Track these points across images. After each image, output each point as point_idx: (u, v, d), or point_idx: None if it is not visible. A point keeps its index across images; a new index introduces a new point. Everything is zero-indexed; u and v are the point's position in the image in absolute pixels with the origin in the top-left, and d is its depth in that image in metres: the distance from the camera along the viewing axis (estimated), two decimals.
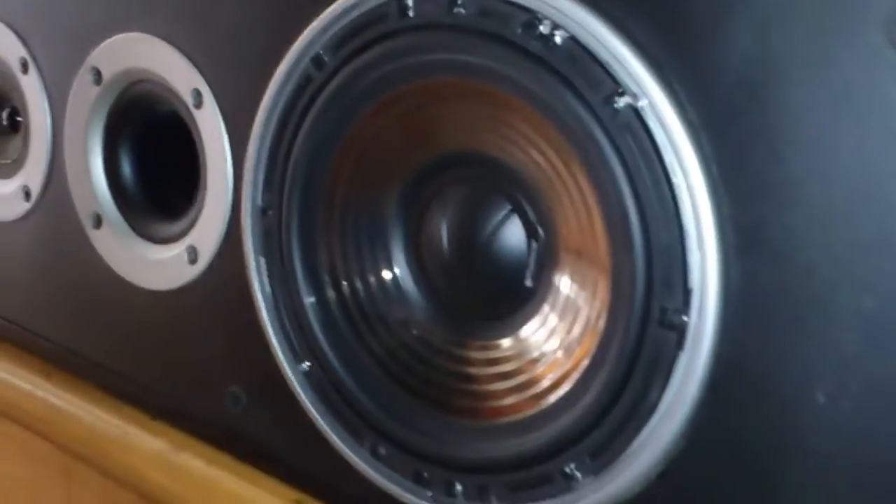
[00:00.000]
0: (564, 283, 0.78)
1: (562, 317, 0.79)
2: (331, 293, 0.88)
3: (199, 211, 0.99)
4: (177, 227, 1.04)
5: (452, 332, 0.85)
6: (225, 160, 0.94)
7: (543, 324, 0.80)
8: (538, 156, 0.77)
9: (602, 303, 0.74)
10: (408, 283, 0.87)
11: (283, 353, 0.90)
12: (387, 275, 0.88)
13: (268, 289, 0.91)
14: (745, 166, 0.64)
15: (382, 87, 0.81)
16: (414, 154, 0.85)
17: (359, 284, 0.88)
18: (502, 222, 0.81)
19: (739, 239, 0.65)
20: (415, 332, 0.87)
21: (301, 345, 0.89)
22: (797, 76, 0.62)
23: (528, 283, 0.80)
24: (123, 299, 1.07)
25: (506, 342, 0.82)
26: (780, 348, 0.64)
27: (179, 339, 1.03)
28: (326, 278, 0.88)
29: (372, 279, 0.88)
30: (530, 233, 0.80)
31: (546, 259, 0.80)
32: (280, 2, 0.88)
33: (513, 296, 0.81)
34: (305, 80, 0.84)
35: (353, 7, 0.80)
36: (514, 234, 0.81)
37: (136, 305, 1.06)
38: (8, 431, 1.24)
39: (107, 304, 1.10)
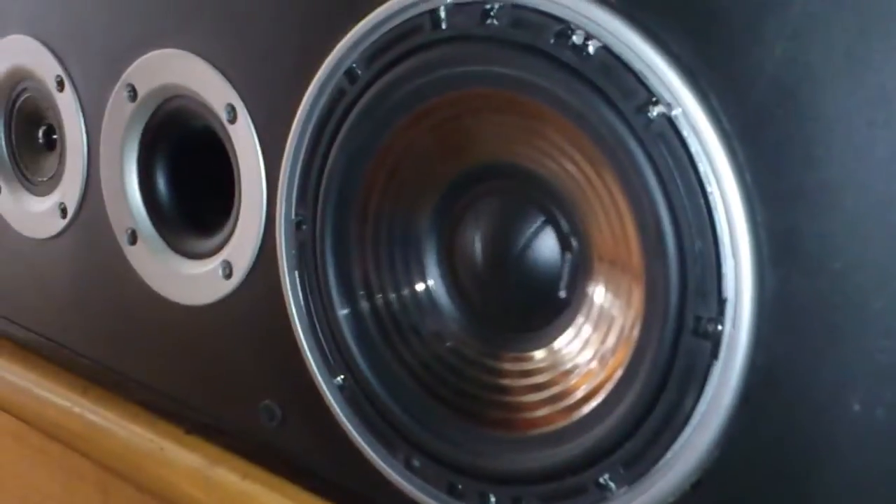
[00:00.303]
0: (598, 294, 0.78)
1: (596, 327, 0.78)
2: (364, 305, 0.88)
3: (234, 226, 0.99)
4: (212, 242, 1.04)
5: (486, 344, 0.85)
6: (259, 175, 0.94)
7: (577, 335, 0.80)
8: (571, 166, 0.77)
9: (636, 313, 0.74)
10: (441, 295, 0.88)
11: (318, 366, 0.90)
12: (420, 287, 0.88)
13: (302, 303, 0.91)
14: (779, 174, 0.64)
15: (416, 99, 0.81)
16: (447, 166, 0.85)
17: (392, 296, 0.88)
18: (535, 234, 0.81)
19: (774, 247, 0.64)
20: (448, 343, 0.87)
21: (335, 358, 0.89)
22: (831, 82, 0.61)
23: (562, 294, 0.80)
24: (159, 315, 1.08)
25: (539, 354, 0.82)
26: (815, 356, 0.64)
27: (214, 353, 1.03)
28: (360, 290, 0.88)
29: (405, 291, 0.88)
30: (564, 244, 0.80)
31: (580, 270, 0.79)
32: (313, 16, 0.88)
33: (546, 307, 0.81)
34: (339, 94, 0.85)
35: (385, 20, 0.81)
36: (547, 245, 0.81)
37: (171, 321, 1.07)
38: (45, 448, 1.25)
39: (142, 319, 1.11)
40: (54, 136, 1.23)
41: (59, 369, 1.25)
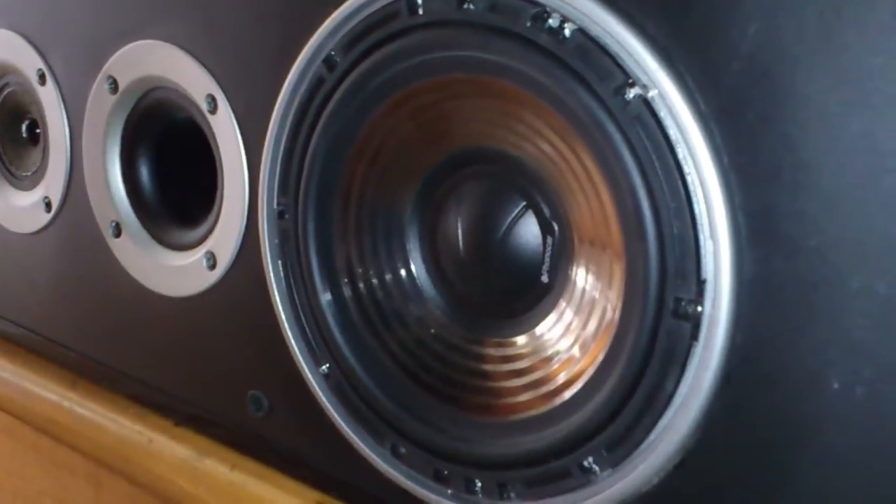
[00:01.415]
0: (580, 278, 0.78)
1: (577, 311, 0.78)
2: (347, 291, 0.88)
3: (217, 216, 0.99)
4: (196, 233, 1.04)
5: (469, 330, 0.85)
6: (241, 165, 0.94)
7: (559, 319, 0.80)
8: (550, 149, 0.77)
9: (617, 296, 0.74)
10: (424, 281, 0.88)
11: (303, 355, 0.90)
12: (403, 272, 0.88)
13: (286, 292, 0.91)
14: (755, 154, 0.64)
15: (394, 86, 0.81)
16: (428, 152, 0.85)
17: (375, 282, 0.88)
18: (517, 218, 0.81)
19: (752, 227, 0.64)
20: (432, 330, 0.87)
21: (320, 347, 0.89)
22: (805, 62, 0.61)
23: (545, 278, 0.80)
24: (144, 307, 1.08)
25: (522, 339, 0.82)
26: (794, 336, 0.64)
27: (200, 345, 1.03)
28: (343, 277, 0.88)
29: (388, 277, 0.88)
30: (545, 228, 0.80)
31: (561, 254, 0.79)
32: (290, 4, 0.88)
33: (529, 292, 0.81)
34: (318, 82, 0.85)
35: (362, 7, 0.80)
36: (529, 230, 0.81)
37: (157, 312, 1.07)
38: (36, 442, 1.25)
39: (128, 312, 1.11)
40: (38, 131, 1.23)
41: (47, 363, 1.25)
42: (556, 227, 0.80)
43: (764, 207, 0.64)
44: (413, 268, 0.88)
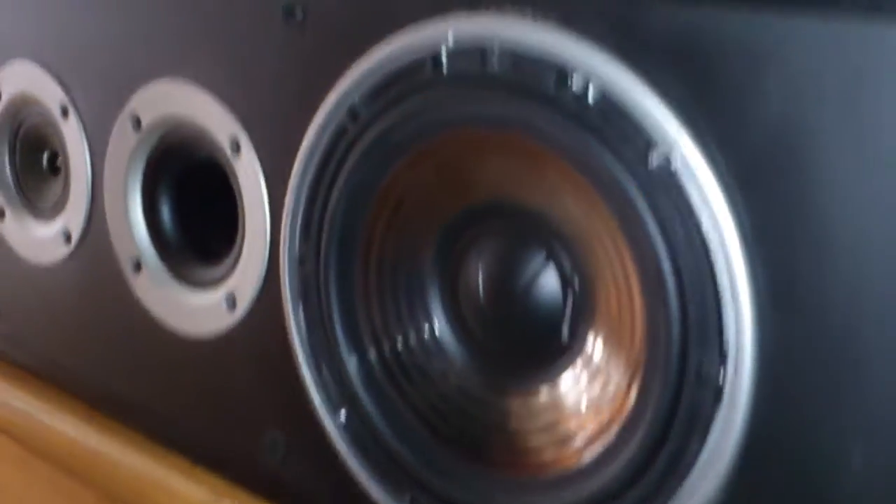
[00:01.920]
0: (600, 338, 0.78)
1: (597, 371, 0.78)
2: (369, 346, 0.88)
3: (238, 257, 0.99)
4: (216, 272, 1.04)
5: (490, 384, 0.85)
6: (263, 208, 0.94)
7: (579, 379, 0.80)
8: (573, 207, 0.77)
9: (638, 360, 0.74)
10: (446, 336, 0.87)
11: (321, 402, 0.90)
12: (425, 326, 0.88)
13: (306, 338, 0.91)
14: (778, 221, 0.64)
15: (417, 138, 0.81)
16: (449, 204, 0.85)
17: (398, 337, 0.88)
18: (538, 273, 0.81)
19: (774, 296, 0.64)
20: (453, 382, 0.87)
21: (339, 395, 0.89)
22: (829, 133, 0.61)
23: (564, 335, 0.80)
24: (162, 344, 1.08)
25: (543, 396, 0.82)
26: (816, 408, 0.64)
27: (219, 385, 1.03)
28: (365, 330, 0.88)
29: (410, 331, 0.88)
30: (566, 284, 0.80)
31: (582, 312, 0.79)
32: (317, 52, 0.88)
33: (549, 348, 0.81)
34: (341, 131, 0.85)
35: (387, 59, 0.81)
36: (550, 284, 0.81)
37: (175, 351, 1.07)
38: (51, 476, 1.25)
39: (146, 348, 1.11)
40: (58, 163, 1.23)
41: (64, 396, 1.24)
42: (577, 282, 0.79)
43: (786, 275, 0.64)
44: (435, 323, 0.88)
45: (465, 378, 0.86)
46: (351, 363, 0.88)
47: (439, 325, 0.88)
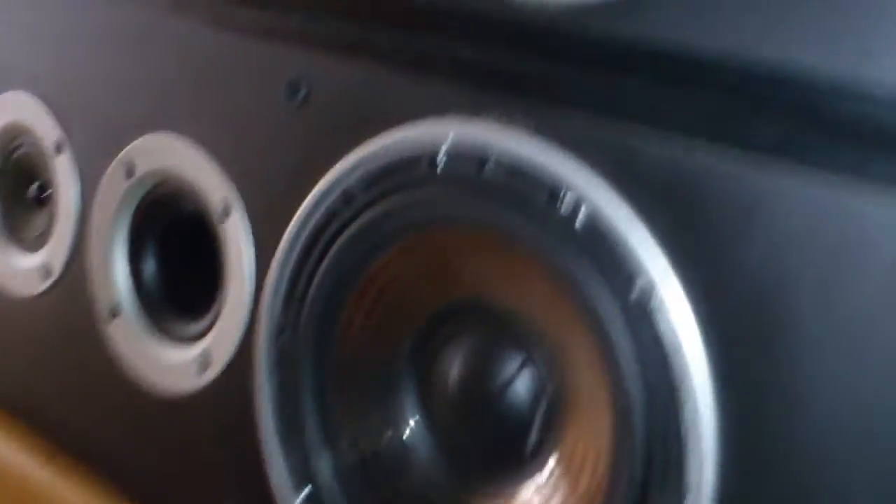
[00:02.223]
0: (566, 455, 0.78)
1: (556, 490, 0.79)
2: (340, 433, 0.88)
3: (216, 318, 0.99)
4: (193, 328, 1.04)
5: (457, 485, 0.85)
6: (247, 274, 0.95)
7: (541, 491, 0.80)
8: (554, 317, 0.78)
9: (599, 485, 0.74)
10: (418, 433, 0.87)
11: (282, 478, 0.90)
12: (398, 423, 0.88)
13: (273, 412, 0.90)
14: (750, 370, 0.65)
15: (406, 231, 0.82)
16: (432, 298, 0.85)
17: (369, 433, 0.88)
18: (514, 378, 0.81)
19: (739, 445, 0.65)
20: (419, 478, 0.87)
21: (301, 474, 0.89)
22: (807, 291, 0.63)
23: (532, 442, 0.80)
24: (128, 395, 1.07)
25: (507, 501, 0.82)
26: None
27: (182, 446, 1.03)
28: (338, 420, 0.88)
29: (383, 428, 0.88)
30: (539, 390, 0.81)
31: (551, 423, 0.80)
32: (318, 130, 0.89)
33: (518, 453, 0.81)
34: (333, 212, 0.85)
35: (387, 150, 0.81)
36: (524, 389, 0.81)
37: (140, 403, 1.06)
38: None
39: (111, 396, 1.10)
40: (44, 195, 1.23)
41: (27, 432, 1.24)
42: (549, 390, 0.80)
43: (754, 421, 0.65)
44: (409, 419, 0.88)
45: (432, 475, 0.87)
46: (319, 448, 0.88)
47: (412, 420, 0.88)
